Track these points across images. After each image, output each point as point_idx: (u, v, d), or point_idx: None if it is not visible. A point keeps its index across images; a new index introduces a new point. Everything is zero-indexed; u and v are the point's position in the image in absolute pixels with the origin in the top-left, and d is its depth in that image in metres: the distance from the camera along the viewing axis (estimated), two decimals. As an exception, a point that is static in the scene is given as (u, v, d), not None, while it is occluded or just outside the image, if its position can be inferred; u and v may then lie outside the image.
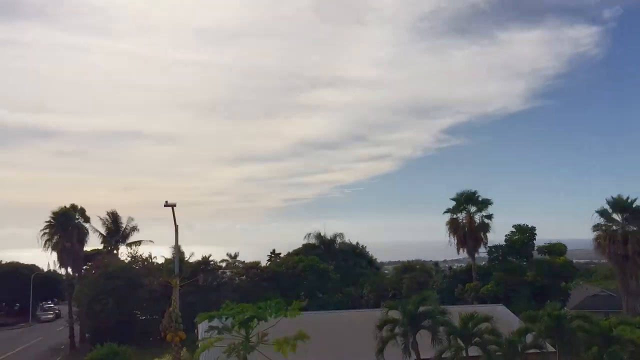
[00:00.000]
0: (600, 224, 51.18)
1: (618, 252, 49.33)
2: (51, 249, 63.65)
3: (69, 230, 63.77)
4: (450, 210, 61.85)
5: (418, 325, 28.44)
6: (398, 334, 28.49)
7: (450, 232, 61.24)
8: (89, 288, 58.20)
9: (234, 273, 64.91)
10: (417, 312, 28.54)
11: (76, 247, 63.83)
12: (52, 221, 64.21)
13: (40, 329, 77.07)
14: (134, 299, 58.59)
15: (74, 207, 65.73)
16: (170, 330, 33.54)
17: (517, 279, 58.14)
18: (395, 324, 28.79)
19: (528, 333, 28.65)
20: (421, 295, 31.31)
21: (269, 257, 74.31)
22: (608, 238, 49.69)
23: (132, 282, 58.50)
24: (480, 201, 60.90)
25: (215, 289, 60.42)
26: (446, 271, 70.73)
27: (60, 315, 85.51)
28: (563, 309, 36.28)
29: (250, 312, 13.68)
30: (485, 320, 28.38)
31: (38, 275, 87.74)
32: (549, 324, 27.86)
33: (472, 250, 60.77)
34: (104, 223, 68.59)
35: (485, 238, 60.63)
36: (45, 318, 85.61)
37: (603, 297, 64.30)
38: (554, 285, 58.56)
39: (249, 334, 13.98)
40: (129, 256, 66.07)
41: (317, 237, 74.84)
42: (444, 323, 28.13)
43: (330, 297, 62.33)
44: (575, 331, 28.19)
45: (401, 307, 29.13)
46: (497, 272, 58.92)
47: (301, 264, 64.87)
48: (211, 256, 65.09)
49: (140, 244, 67.84)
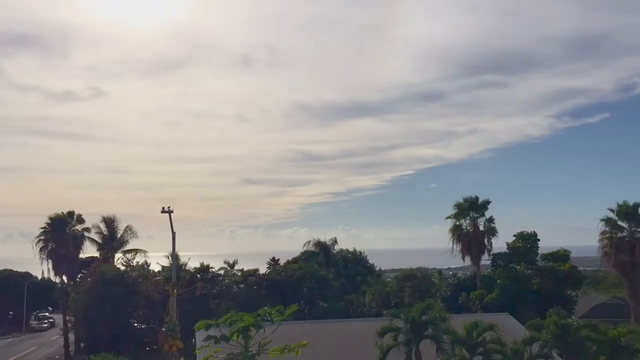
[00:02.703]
0: (606, 231, 50.90)
1: (625, 260, 49.13)
2: (46, 256, 63.46)
3: (65, 237, 63.57)
4: (453, 216, 61.78)
5: (421, 334, 28.28)
6: (401, 342, 28.34)
7: (454, 239, 61.15)
8: (84, 296, 58.06)
9: (232, 281, 64.77)
10: (420, 321, 28.40)
11: (72, 254, 63.56)
12: (47, 228, 64.01)
13: (35, 338, 76.83)
14: (130, 308, 58.42)
15: (70, 214, 65.58)
16: (168, 339, 33.48)
17: (522, 287, 57.91)
18: (398, 333, 28.65)
19: (534, 342, 28.45)
20: (425, 303, 31.18)
21: (268, 264, 74.23)
22: (614, 246, 49.43)
23: (129, 290, 58.35)
24: (482, 206, 60.87)
25: (214, 297, 60.27)
26: (450, 279, 70.50)
27: (55, 324, 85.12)
28: (570, 317, 36.11)
29: (249, 320, 13.57)
30: (490, 329, 28.19)
31: (32, 283, 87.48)
32: (555, 333, 27.74)
33: (476, 258, 60.65)
34: (100, 230, 68.47)
35: (489, 245, 60.53)
36: (40, 327, 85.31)
37: (611, 306, 63.95)
38: (560, 293, 58.27)
39: (248, 343, 13.88)
40: (123, 264, 65.87)
41: (316, 245, 74.77)
42: (448, 332, 27.99)
43: (331, 306, 62.17)
44: (582, 340, 28.07)
45: (404, 315, 28.99)
46: (502, 280, 58.73)
47: (300, 272, 64.74)
48: (210, 264, 65.12)
49: (137, 252, 67.63)
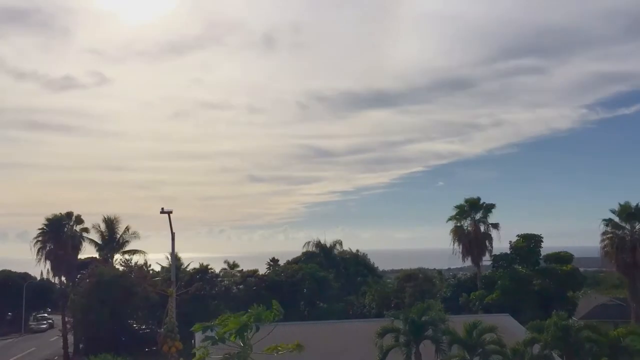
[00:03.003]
0: (607, 231, 50.92)
1: (627, 261, 49.10)
2: (44, 257, 63.44)
3: (63, 237, 63.54)
4: (455, 217, 61.75)
5: (421, 335, 28.30)
6: (400, 343, 28.34)
7: (455, 239, 61.12)
8: (83, 297, 58.03)
9: (232, 282, 64.77)
10: (420, 321, 28.40)
11: (70, 255, 63.52)
12: (45, 228, 63.99)
13: (33, 339, 76.71)
14: (129, 309, 58.42)
15: (69, 214, 65.52)
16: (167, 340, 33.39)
17: (523, 288, 57.86)
18: (398, 333, 28.65)
19: (534, 344, 28.49)
20: (425, 304, 31.18)
21: (268, 265, 74.20)
22: (616, 246, 49.45)
23: (128, 291, 58.31)
24: (484, 207, 60.84)
25: (213, 297, 60.28)
26: (450, 279, 70.50)
27: (54, 325, 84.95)
28: (570, 318, 36.11)
29: (236, 322, 13.50)
30: (491, 330, 28.20)
31: (31, 284, 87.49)
32: (556, 334, 27.73)
33: (477, 259, 60.61)
34: (99, 230, 68.39)
35: (490, 245, 60.51)
36: (38, 328, 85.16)
37: (612, 307, 63.83)
38: (561, 295, 58.25)
39: (245, 343, 13.83)
40: (122, 265, 65.82)
41: (316, 245, 74.76)
42: (448, 333, 27.99)
43: (330, 306, 62.14)
44: (583, 342, 28.08)
45: (404, 315, 29.00)
46: (503, 281, 58.70)
47: (300, 273, 64.72)
48: (209, 265, 65.09)
49: (135, 253, 67.59)
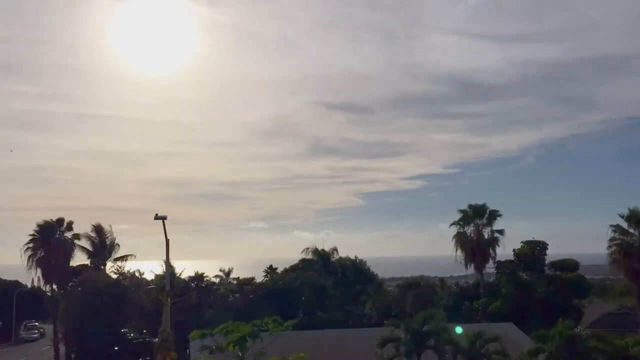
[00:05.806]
0: (615, 238, 50.95)
1: (635, 268, 49.13)
2: (35, 265, 63.31)
3: (54, 245, 63.43)
4: (458, 223, 61.74)
5: (423, 345, 28.28)
6: (402, 353, 28.33)
7: (458, 246, 61.10)
8: (75, 306, 57.90)
9: (228, 290, 64.70)
10: (422, 331, 28.40)
11: (61, 262, 63.46)
12: (35, 235, 63.88)
13: (24, 348, 76.65)
14: (122, 317, 58.30)
15: (59, 221, 65.43)
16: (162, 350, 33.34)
17: (527, 296, 57.83)
18: (399, 343, 28.64)
19: (539, 353, 28.46)
20: (427, 312, 31.17)
21: (265, 272, 74.13)
22: (624, 253, 49.49)
23: (121, 299, 58.22)
24: (489, 214, 60.86)
25: (209, 306, 60.20)
26: (452, 287, 70.43)
27: (45, 335, 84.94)
28: (576, 328, 36.09)
29: (246, 330, 13.60)
30: (494, 340, 28.24)
31: (21, 292, 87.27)
32: (561, 344, 27.70)
33: (480, 266, 60.60)
34: (90, 237, 68.21)
35: (494, 252, 60.51)
36: (29, 337, 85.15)
37: (619, 316, 63.79)
38: (566, 303, 58.21)
39: (244, 353, 13.91)
40: (114, 272, 65.66)
41: (315, 252, 74.66)
42: (451, 342, 27.99)
43: (330, 315, 62.03)
44: (589, 352, 28.05)
45: (405, 325, 28.99)
46: (506, 289, 58.66)
47: (298, 281, 64.63)
48: (204, 273, 64.99)
49: (126, 258, 67.38)
